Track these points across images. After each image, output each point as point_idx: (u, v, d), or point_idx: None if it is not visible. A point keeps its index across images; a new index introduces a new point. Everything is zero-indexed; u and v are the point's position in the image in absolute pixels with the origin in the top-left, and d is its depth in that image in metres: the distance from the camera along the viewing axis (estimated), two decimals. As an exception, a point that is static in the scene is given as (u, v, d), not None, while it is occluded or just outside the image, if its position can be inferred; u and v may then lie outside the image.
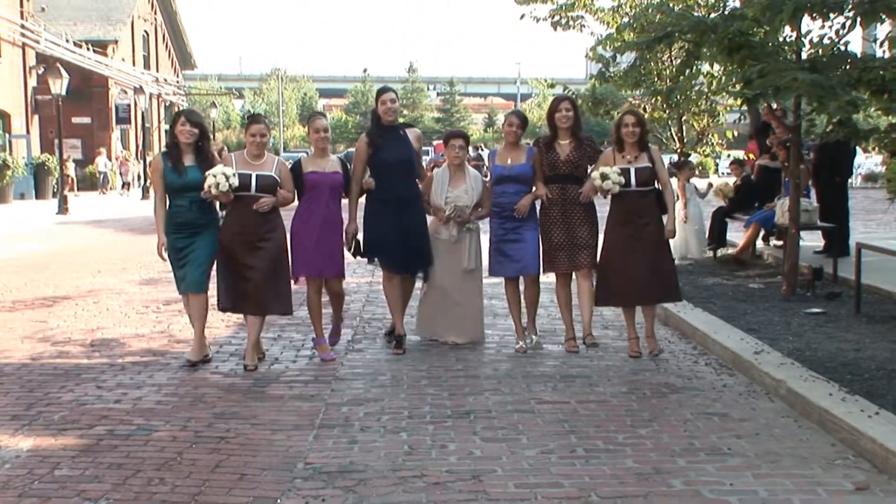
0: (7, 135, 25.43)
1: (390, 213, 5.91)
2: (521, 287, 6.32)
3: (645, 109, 10.43)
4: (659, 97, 10.35)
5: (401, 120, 6.26)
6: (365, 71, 76.10)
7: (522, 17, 11.03)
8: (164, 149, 5.96)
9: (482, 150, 29.96)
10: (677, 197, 9.69)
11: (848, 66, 6.56)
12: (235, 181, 5.43)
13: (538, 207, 6.16)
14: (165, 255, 5.71)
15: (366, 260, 6.27)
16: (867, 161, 28.84)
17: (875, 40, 6.92)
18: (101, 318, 7.63)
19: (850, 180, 12.69)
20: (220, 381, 5.46)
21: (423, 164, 6.66)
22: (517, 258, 6.10)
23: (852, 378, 5.00)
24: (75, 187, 28.95)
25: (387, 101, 5.97)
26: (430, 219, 6.22)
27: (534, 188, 6.11)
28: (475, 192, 6.11)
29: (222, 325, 6.94)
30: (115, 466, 3.96)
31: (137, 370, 5.71)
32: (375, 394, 5.15)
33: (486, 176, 6.59)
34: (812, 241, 10.33)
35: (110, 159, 31.64)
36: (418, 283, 6.47)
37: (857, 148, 9.85)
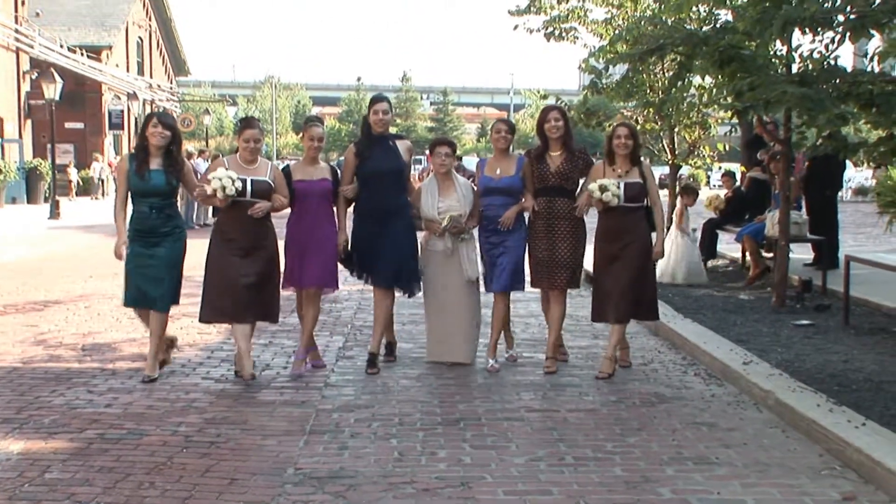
0: (0, 139, 25.38)
1: (376, 224, 5.74)
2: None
3: (637, 121, 10.48)
4: (651, 109, 10.40)
5: (393, 130, 6.16)
6: (359, 79, 76.28)
7: (516, 27, 11.12)
8: (132, 149, 5.76)
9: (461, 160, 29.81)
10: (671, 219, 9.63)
11: (837, 81, 6.63)
12: (240, 184, 5.33)
13: (526, 220, 5.93)
14: (125, 253, 5.47)
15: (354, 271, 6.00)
16: (857, 175, 29.06)
17: (865, 55, 7.01)
18: (93, 322, 7.61)
19: (840, 194, 12.79)
20: (210, 387, 5.46)
21: (416, 174, 6.58)
22: (495, 274, 5.86)
23: (840, 389, 5.05)
24: (74, 192, 28.97)
25: (379, 112, 5.78)
26: (421, 232, 6.02)
27: (522, 199, 5.88)
28: (467, 199, 5.88)
29: (213, 330, 6.94)
30: (105, 470, 3.96)
31: (129, 375, 5.71)
32: (366, 400, 5.16)
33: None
34: (802, 253, 10.40)
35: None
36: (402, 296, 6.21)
37: (848, 161, 9.94)
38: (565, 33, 10.85)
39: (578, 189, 5.89)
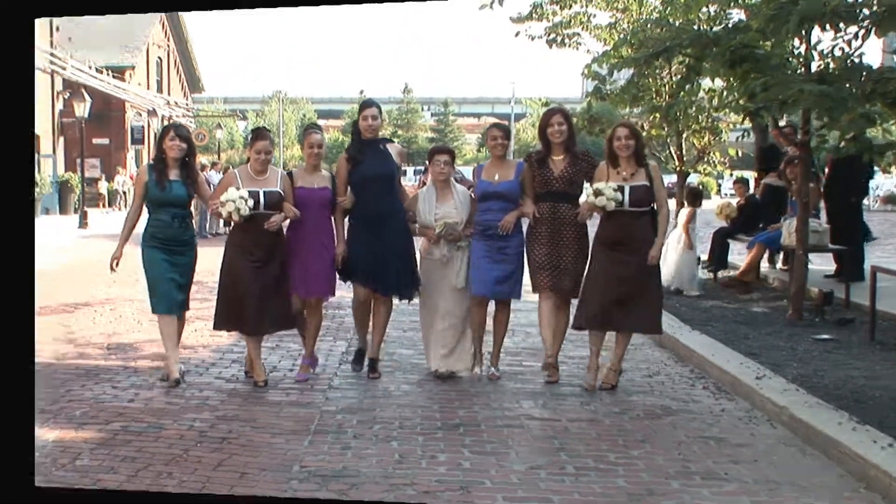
0: (37, 154, 26.14)
1: (371, 230, 5.64)
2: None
3: (643, 127, 9.99)
4: (657, 114, 9.93)
5: (394, 139, 6.13)
6: (361, 92, 75.68)
7: (517, 34, 10.89)
8: (150, 161, 5.91)
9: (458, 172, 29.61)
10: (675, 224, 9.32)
11: (861, 78, 6.19)
12: (252, 202, 5.39)
13: (524, 227, 5.70)
14: (117, 268, 5.63)
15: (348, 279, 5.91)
16: (886, 182, 27.79)
17: (895, 52, 6.57)
18: (117, 324, 7.94)
19: (866, 202, 12.14)
20: (222, 386, 5.66)
21: (414, 182, 6.48)
22: (494, 278, 5.64)
23: (861, 407, 4.78)
24: (107, 203, 29.74)
25: (368, 117, 5.70)
26: (420, 240, 5.93)
27: (521, 205, 5.63)
28: (464, 207, 5.76)
29: (225, 333, 6.97)
30: (129, 459, 4.18)
31: (149, 373, 5.95)
32: (368, 404, 5.23)
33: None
34: (823, 264, 9.92)
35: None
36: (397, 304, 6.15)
37: (876, 167, 9.40)
38: (568, 39, 10.58)
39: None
